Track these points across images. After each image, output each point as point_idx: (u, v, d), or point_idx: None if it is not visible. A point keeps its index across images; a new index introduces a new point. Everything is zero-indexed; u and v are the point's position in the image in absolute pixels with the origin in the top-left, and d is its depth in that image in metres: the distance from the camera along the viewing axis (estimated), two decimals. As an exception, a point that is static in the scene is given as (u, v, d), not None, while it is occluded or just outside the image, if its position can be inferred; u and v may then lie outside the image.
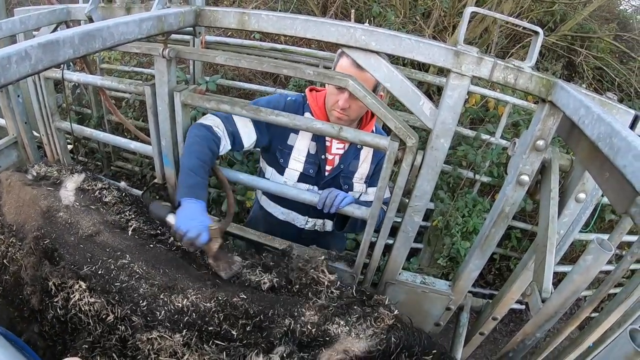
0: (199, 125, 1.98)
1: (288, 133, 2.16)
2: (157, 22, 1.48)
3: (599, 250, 1.29)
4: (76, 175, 2.01)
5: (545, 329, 1.73)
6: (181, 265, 1.73)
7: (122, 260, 1.65)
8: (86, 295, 1.52)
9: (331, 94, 2.03)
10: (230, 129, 2.05)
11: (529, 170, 1.55)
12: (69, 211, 1.81)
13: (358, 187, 2.31)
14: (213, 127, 1.99)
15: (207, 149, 1.93)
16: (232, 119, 2.06)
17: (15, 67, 0.95)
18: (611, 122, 0.93)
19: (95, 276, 1.58)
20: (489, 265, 4.76)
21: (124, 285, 1.57)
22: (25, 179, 1.94)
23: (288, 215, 2.38)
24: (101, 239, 1.73)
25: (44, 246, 1.66)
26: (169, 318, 1.50)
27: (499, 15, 1.58)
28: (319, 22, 1.53)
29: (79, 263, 1.61)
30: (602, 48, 6.97)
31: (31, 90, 2.30)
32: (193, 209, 1.80)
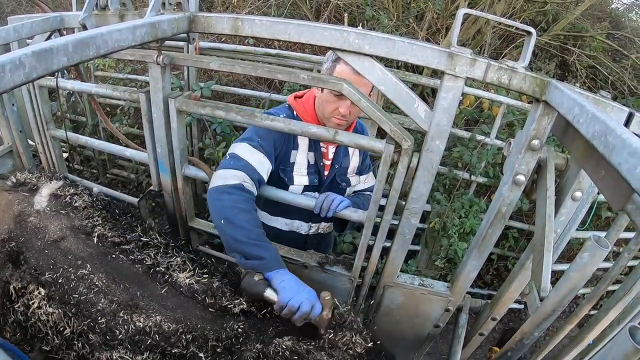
0: (229, 188, 1.84)
1: (290, 151, 2.14)
2: (151, 29, 1.48)
3: (595, 247, 1.30)
4: (54, 182, 1.98)
5: (544, 328, 1.74)
6: (143, 282, 1.66)
7: (82, 270, 1.59)
8: (44, 303, 1.49)
9: (328, 102, 2.00)
10: (256, 177, 1.94)
11: (525, 170, 1.55)
12: (39, 216, 1.78)
13: (354, 180, 2.36)
14: (244, 185, 1.86)
15: (253, 211, 1.84)
16: (251, 165, 1.95)
17: (9, 76, 0.94)
18: (605, 120, 0.93)
19: (55, 284, 1.54)
20: (487, 266, 4.77)
21: (82, 298, 1.52)
22: (4, 185, 1.92)
23: (292, 225, 2.36)
24: (65, 245, 1.68)
25: (9, 249, 1.64)
26: (129, 338, 1.45)
27: (491, 16, 1.58)
28: (313, 26, 1.53)
29: (41, 269, 1.58)
30: (595, 47, 6.99)
31: (26, 98, 2.30)
32: (293, 279, 1.70)
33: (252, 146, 1.98)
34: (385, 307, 2.14)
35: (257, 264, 1.71)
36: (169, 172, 2.08)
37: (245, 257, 1.73)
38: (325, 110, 2.05)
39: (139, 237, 1.86)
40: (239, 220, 1.76)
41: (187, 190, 2.17)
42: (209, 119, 4.01)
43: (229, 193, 1.82)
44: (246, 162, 1.94)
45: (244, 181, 1.86)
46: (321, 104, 2.07)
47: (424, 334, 2.23)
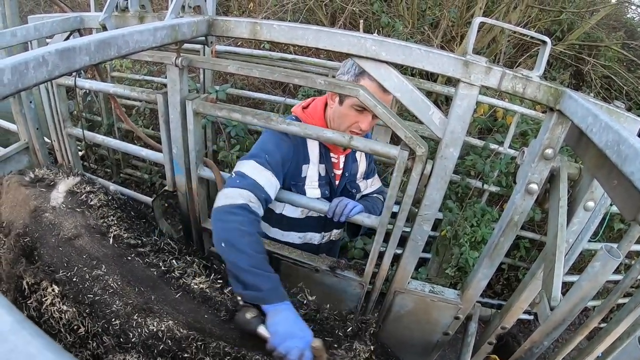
0: (234, 208, 1.77)
1: (301, 166, 2.09)
2: (171, 31, 1.50)
3: (607, 257, 1.30)
4: (70, 179, 2.00)
5: (554, 337, 1.74)
6: (158, 286, 1.65)
7: (97, 270, 1.59)
8: (58, 301, 1.49)
9: (347, 115, 1.97)
10: (263, 196, 1.87)
11: (538, 179, 1.56)
12: (55, 212, 1.79)
13: (363, 185, 2.35)
14: (250, 205, 1.79)
15: (257, 235, 1.76)
16: (259, 184, 1.87)
17: (32, 73, 0.96)
18: (619, 130, 0.94)
19: (70, 282, 1.54)
20: (498, 276, 4.74)
21: (97, 298, 1.52)
22: (22, 180, 1.94)
23: (305, 237, 2.34)
24: (80, 244, 1.68)
25: (24, 244, 1.65)
26: (142, 342, 1.45)
27: (506, 25, 1.59)
28: (330, 32, 1.55)
29: (55, 266, 1.58)
30: (610, 57, 6.95)
31: (43, 96, 2.34)
32: (287, 320, 1.59)
33: (259, 163, 1.92)
34: (395, 313, 2.14)
35: (254, 295, 1.64)
36: (184, 173, 2.10)
37: (243, 286, 1.65)
38: (342, 124, 1.99)
39: (155, 241, 1.87)
40: (241, 244, 1.68)
41: (201, 191, 2.18)
42: (223, 122, 4.03)
43: (234, 214, 1.76)
44: (253, 180, 1.87)
45: (250, 201, 1.80)
46: (338, 117, 2.02)
47: (433, 341, 2.23)
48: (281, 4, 6.32)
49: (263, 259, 1.70)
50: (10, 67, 0.89)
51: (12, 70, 0.90)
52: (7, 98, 0.91)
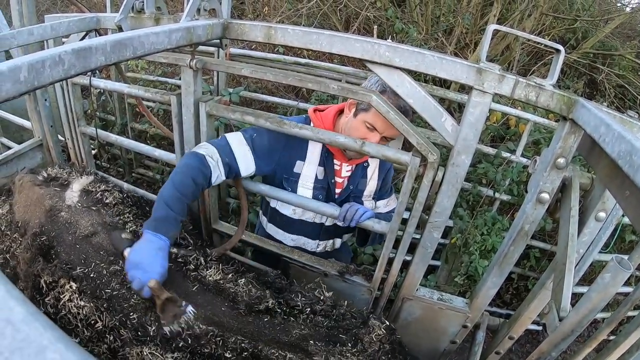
0: (192, 153, 1.87)
1: (294, 161, 2.11)
2: (186, 33, 1.52)
3: (617, 269, 1.29)
4: (84, 178, 2.02)
5: (562, 348, 1.72)
6: (175, 279, 1.68)
7: (114, 266, 1.62)
8: (76, 297, 1.50)
9: (358, 130, 1.96)
10: (227, 160, 1.92)
11: (549, 188, 1.55)
12: (70, 211, 1.81)
13: (368, 204, 2.30)
14: (206, 157, 1.85)
15: (191, 180, 1.79)
16: (230, 148, 1.94)
17: (48, 71, 0.97)
18: (631, 140, 0.93)
19: (87, 279, 1.56)
20: (507, 285, 4.72)
21: (115, 293, 1.54)
22: (35, 180, 1.96)
23: (298, 241, 2.34)
24: (97, 241, 1.71)
25: (40, 243, 1.66)
26: (161, 335, 1.47)
27: (520, 32, 1.58)
28: (345, 37, 1.56)
29: (72, 263, 1.60)
30: (624, 66, 6.89)
31: (58, 95, 2.36)
32: (146, 250, 1.59)
33: (243, 137, 1.99)
34: (403, 320, 2.14)
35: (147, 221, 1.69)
36: (196, 175, 2.11)
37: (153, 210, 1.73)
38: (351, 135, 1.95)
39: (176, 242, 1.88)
40: (172, 178, 1.78)
41: (212, 192, 2.19)
42: (236, 125, 4.05)
43: (188, 157, 1.85)
44: (227, 144, 1.95)
45: (210, 155, 1.86)
46: (348, 128, 2.02)
47: (440, 349, 2.22)
48: (296, 9, 6.33)
49: (179, 198, 1.75)
50: (27, 65, 0.90)
51: (28, 68, 0.91)
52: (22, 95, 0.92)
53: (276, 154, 2.04)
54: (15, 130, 3.34)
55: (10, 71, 0.87)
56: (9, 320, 0.33)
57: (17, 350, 0.31)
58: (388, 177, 2.40)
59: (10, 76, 0.87)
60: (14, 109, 3.12)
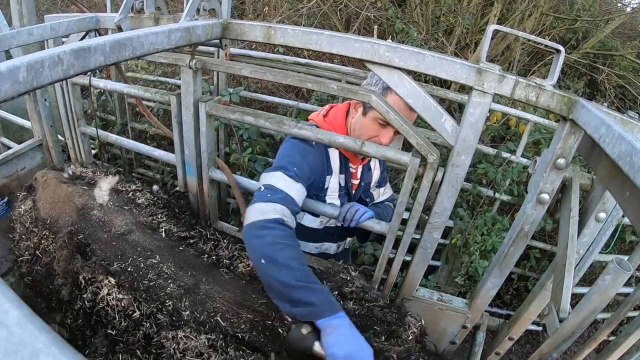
0: (269, 222, 1.64)
1: (325, 177, 2.06)
2: (186, 33, 1.51)
3: (617, 270, 1.29)
4: (110, 177, 2.06)
5: (562, 350, 1.72)
6: (208, 270, 1.74)
7: (151, 259, 1.67)
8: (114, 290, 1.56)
9: (370, 128, 1.94)
10: (296, 210, 1.77)
11: (549, 189, 1.55)
12: (103, 210, 1.86)
13: (376, 194, 2.35)
14: (284, 219, 1.67)
15: (298, 247, 1.64)
16: (291, 197, 1.77)
17: (47, 72, 0.97)
18: (632, 141, 0.93)
19: (125, 273, 1.62)
20: (507, 286, 4.71)
21: (152, 283, 1.60)
22: (61, 177, 2.00)
23: (321, 247, 2.33)
24: (132, 238, 1.76)
25: (77, 241, 1.70)
26: (194, 319, 1.51)
27: (521, 33, 1.58)
28: (344, 37, 1.55)
29: (109, 259, 1.65)
30: (625, 66, 6.88)
31: (58, 94, 2.36)
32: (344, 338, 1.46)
33: (288, 176, 1.81)
34: (403, 320, 2.14)
35: (306, 312, 1.50)
36: (196, 174, 2.11)
37: (292, 304, 1.51)
38: (362, 135, 1.95)
39: (201, 232, 1.95)
40: (282, 258, 1.54)
41: (213, 193, 2.19)
42: (236, 125, 4.05)
43: (270, 228, 1.62)
44: (285, 193, 1.76)
45: (284, 215, 1.68)
46: (359, 127, 1.98)
47: (439, 350, 2.22)
48: (296, 9, 6.33)
49: (308, 271, 1.58)
50: (26, 65, 0.90)
51: (27, 68, 0.91)
52: (21, 95, 0.92)
53: (313, 176, 1.98)
54: (15, 130, 3.35)
55: (9, 71, 0.87)
56: (4, 323, 0.33)
57: (11, 353, 0.31)
58: (384, 165, 2.44)
59: (9, 76, 0.87)
60: (14, 109, 3.12)
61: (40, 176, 2.01)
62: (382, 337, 1.63)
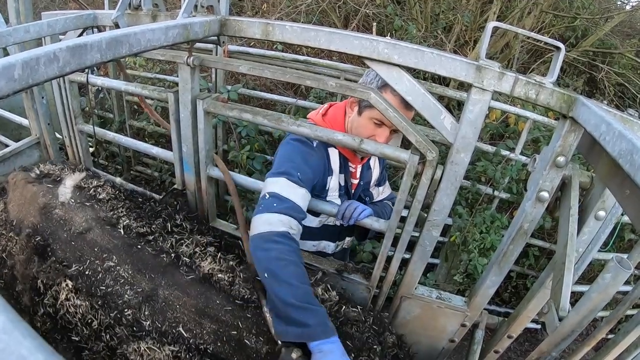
0: (275, 236, 1.65)
1: (326, 178, 2.05)
2: (183, 30, 1.51)
3: (617, 269, 1.29)
4: (76, 174, 2.03)
5: (562, 348, 1.72)
6: (168, 271, 1.66)
7: (108, 262, 1.62)
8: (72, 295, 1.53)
9: (366, 127, 1.92)
10: (301, 217, 1.78)
11: (549, 187, 1.54)
12: (64, 208, 1.82)
13: (375, 193, 2.34)
14: (290, 232, 1.69)
15: (302, 265, 1.65)
16: (297, 204, 1.77)
17: (43, 69, 0.96)
18: (632, 139, 0.93)
19: (82, 276, 1.58)
20: (506, 283, 4.71)
21: (109, 290, 1.55)
22: (28, 177, 1.98)
23: (319, 245, 2.32)
24: (91, 237, 1.71)
25: (35, 243, 1.68)
26: (156, 329, 1.47)
27: (520, 30, 1.57)
28: (343, 34, 1.55)
29: (68, 260, 1.62)
30: (624, 64, 6.89)
31: (56, 92, 2.35)
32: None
33: (292, 182, 1.80)
34: (402, 319, 2.13)
35: (300, 332, 1.50)
36: (193, 172, 2.11)
37: (287, 322, 1.52)
38: (359, 132, 1.94)
39: (164, 225, 1.88)
40: (285, 275, 1.56)
41: (211, 190, 2.19)
42: (234, 122, 4.04)
43: (276, 242, 1.63)
44: (292, 203, 1.76)
45: (290, 227, 1.70)
46: (355, 127, 1.98)
47: (438, 348, 2.22)
48: (294, 5, 6.32)
49: (309, 291, 1.59)
50: (21, 63, 0.89)
51: (23, 65, 0.90)
52: (17, 93, 0.91)
53: (316, 178, 1.98)
54: (12, 128, 3.33)
55: (4, 69, 0.86)
56: (-11, 328, 0.32)
57: (-3, 359, 0.30)
58: (383, 164, 2.42)
59: (4, 74, 0.86)
60: (12, 107, 3.12)
61: (11, 178, 2.00)
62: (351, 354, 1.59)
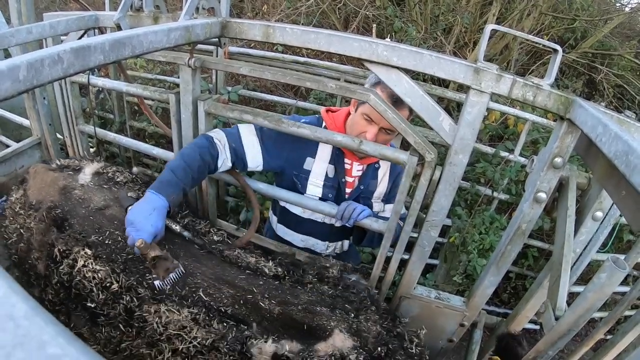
0: (201, 135, 1.95)
1: (304, 157, 2.11)
2: (185, 32, 1.52)
3: (613, 269, 1.30)
4: (95, 163, 2.07)
5: (559, 347, 1.73)
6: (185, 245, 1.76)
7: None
8: (90, 262, 1.55)
9: (357, 124, 1.97)
10: (234, 145, 1.97)
11: (547, 188, 1.55)
12: (84, 189, 1.87)
13: (377, 206, 2.29)
14: (214, 139, 1.93)
15: (198, 155, 1.86)
16: (239, 136, 2.00)
17: (47, 70, 0.98)
18: (628, 140, 0.94)
19: (102, 245, 1.62)
20: (504, 284, 4.72)
21: (130, 257, 1.61)
22: (49, 167, 2.01)
23: (307, 242, 2.34)
24: (110, 212, 1.77)
25: (55, 215, 1.71)
26: (176, 293, 1.53)
27: (519, 32, 1.59)
28: (343, 36, 1.56)
29: (87, 232, 1.66)
30: (623, 66, 6.90)
31: (57, 93, 2.37)
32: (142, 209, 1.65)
33: (253, 128, 2.03)
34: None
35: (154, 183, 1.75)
36: (194, 173, 2.11)
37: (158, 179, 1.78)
38: (352, 131, 2.00)
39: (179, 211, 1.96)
40: (180, 154, 1.87)
41: (211, 191, 2.20)
42: (235, 123, 4.04)
43: (198, 138, 1.94)
44: (237, 132, 2.01)
45: (217, 139, 1.94)
46: (352, 124, 2.03)
47: (437, 347, 2.23)
48: (295, 7, 6.33)
49: (183, 168, 1.81)
50: (26, 64, 0.91)
51: (27, 67, 0.91)
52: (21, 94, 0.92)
53: (285, 149, 2.04)
54: (14, 128, 3.34)
55: (9, 70, 0.87)
56: (11, 315, 0.34)
57: (18, 345, 0.32)
58: (398, 181, 2.33)
59: (9, 75, 0.87)
60: (13, 107, 3.12)
61: (32, 169, 2.03)
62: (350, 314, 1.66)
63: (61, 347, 0.32)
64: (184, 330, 1.43)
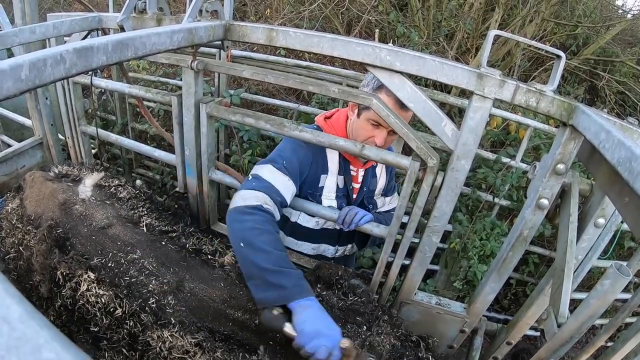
0: (247, 209, 1.73)
1: (319, 176, 2.09)
2: (188, 34, 1.52)
3: (616, 275, 1.29)
4: (95, 174, 2.04)
5: (560, 355, 1.72)
6: (191, 266, 1.72)
7: (132, 255, 1.64)
8: (94, 286, 1.53)
9: (364, 129, 1.95)
10: (279, 199, 1.84)
11: (549, 194, 1.55)
12: (85, 204, 1.83)
13: (380, 202, 2.33)
14: (263, 206, 1.75)
15: (276, 233, 1.70)
16: (275, 187, 1.85)
17: (50, 70, 0.97)
18: (631, 147, 0.93)
19: (105, 268, 1.59)
20: (505, 290, 4.71)
21: (133, 280, 1.57)
22: (47, 175, 1.99)
23: (318, 249, 2.33)
24: (113, 232, 1.73)
25: (57, 235, 1.68)
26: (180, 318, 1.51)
27: (521, 38, 1.58)
28: (346, 41, 1.56)
29: (89, 254, 1.63)
30: (625, 72, 6.90)
31: (59, 93, 2.36)
32: (314, 317, 1.51)
33: (276, 168, 1.90)
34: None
35: (278, 295, 1.55)
36: (196, 175, 2.11)
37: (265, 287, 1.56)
38: (358, 137, 1.98)
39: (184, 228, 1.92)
40: (259, 243, 1.62)
41: (212, 194, 2.19)
42: (236, 126, 4.05)
43: (250, 213, 1.71)
44: (269, 183, 1.84)
45: (265, 202, 1.77)
46: (355, 129, 2.02)
47: (437, 354, 2.22)
48: (298, 11, 6.35)
49: (284, 256, 1.64)
50: (28, 64, 0.90)
51: (30, 66, 0.91)
52: (23, 93, 0.92)
53: (305, 171, 2.02)
54: (15, 128, 3.35)
55: (12, 69, 0.87)
56: (6, 318, 0.33)
57: (13, 348, 0.31)
58: (392, 174, 2.42)
59: (12, 74, 0.87)
60: (15, 107, 3.12)
61: (28, 176, 2.01)
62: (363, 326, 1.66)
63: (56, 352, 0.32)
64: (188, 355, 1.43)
